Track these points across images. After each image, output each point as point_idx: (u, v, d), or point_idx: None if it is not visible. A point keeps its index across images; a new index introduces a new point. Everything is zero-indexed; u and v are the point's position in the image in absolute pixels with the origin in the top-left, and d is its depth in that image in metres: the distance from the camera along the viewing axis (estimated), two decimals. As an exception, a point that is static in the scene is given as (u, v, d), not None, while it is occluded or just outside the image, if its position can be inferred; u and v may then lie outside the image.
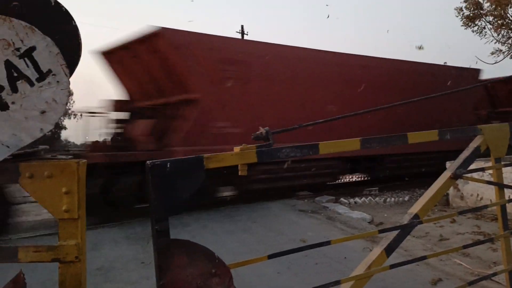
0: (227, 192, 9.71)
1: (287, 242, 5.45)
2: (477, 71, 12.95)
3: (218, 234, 6.06)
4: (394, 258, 2.50)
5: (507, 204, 2.66)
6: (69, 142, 21.60)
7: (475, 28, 13.85)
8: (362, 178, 13.17)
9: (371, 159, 10.89)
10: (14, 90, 1.42)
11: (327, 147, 2.15)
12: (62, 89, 1.44)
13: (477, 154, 2.53)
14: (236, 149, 1.98)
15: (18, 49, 1.40)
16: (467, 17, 13.77)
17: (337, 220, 6.98)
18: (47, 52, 1.42)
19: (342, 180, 12.48)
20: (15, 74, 1.41)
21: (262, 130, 2.09)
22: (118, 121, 8.99)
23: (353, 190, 10.52)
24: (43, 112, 1.45)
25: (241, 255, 4.83)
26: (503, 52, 13.68)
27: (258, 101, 8.78)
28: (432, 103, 10.15)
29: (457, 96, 10.94)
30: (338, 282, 2.06)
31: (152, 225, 1.70)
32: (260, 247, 5.34)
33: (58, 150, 9.42)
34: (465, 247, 2.62)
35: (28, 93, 1.43)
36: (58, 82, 1.44)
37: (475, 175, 2.67)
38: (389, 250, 2.21)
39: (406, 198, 9.42)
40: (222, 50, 8.34)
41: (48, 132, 1.49)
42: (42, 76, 1.43)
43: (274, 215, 7.47)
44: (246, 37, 30.22)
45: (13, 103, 1.43)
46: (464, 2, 13.78)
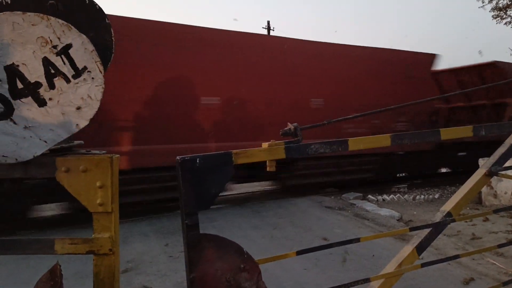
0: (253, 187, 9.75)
1: (315, 239, 5.42)
2: (431, 56, 11.40)
3: (245, 230, 6.09)
4: (425, 257, 2.46)
5: (545, 203, 2.57)
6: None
7: (508, 19, 13.26)
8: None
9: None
10: (52, 86, 1.46)
11: (357, 143, 2.13)
12: (96, 85, 1.48)
13: (513, 151, 2.45)
14: (265, 145, 1.98)
15: (55, 46, 1.44)
16: (498, 7, 13.19)
17: (364, 217, 6.90)
18: (82, 50, 1.45)
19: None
20: (52, 71, 1.45)
21: (291, 126, 2.08)
22: None
23: (381, 187, 10.36)
24: (78, 108, 1.49)
25: (268, 251, 4.84)
26: None
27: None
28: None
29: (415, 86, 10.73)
30: (368, 280, 2.04)
31: (182, 219, 1.72)
32: (287, 243, 5.33)
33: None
34: (499, 246, 2.54)
35: (64, 89, 1.47)
36: (93, 78, 1.47)
37: (510, 172, 2.58)
38: (420, 248, 2.17)
39: (437, 196, 9.20)
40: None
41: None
42: (78, 72, 1.47)
43: (301, 211, 7.45)
44: (272, 32, 30.12)
45: (50, 99, 1.48)
46: None
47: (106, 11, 1.66)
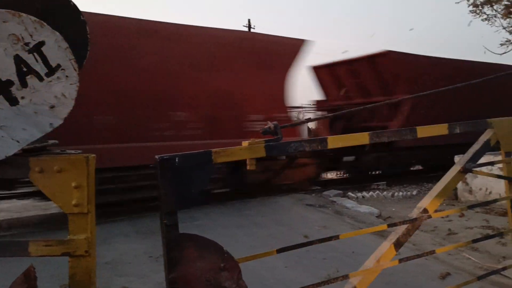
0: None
1: (297, 236, 5.46)
2: (297, 43, 9.38)
3: (229, 228, 6.09)
4: (402, 252, 2.49)
5: (517, 198, 2.64)
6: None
7: (484, 16, 13.59)
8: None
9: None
10: (24, 85, 1.42)
11: (336, 141, 2.14)
12: (71, 83, 1.45)
13: (487, 148, 2.51)
14: (245, 143, 1.98)
15: (27, 44, 1.41)
16: (474, 4, 13.48)
17: (345, 215, 6.97)
18: (56, 47, 1.42)
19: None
20: (25, 69, 1.41)
21: (271, 125, 2.08)
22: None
23: (361, 184, 10.50)
24: (52, 106, 1.45)
25: (252, 249, 4.85)
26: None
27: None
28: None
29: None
30: (347, 276, 2.06)
31: (161, 219, 1.71)
32: (270, 241, 5.35)
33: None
34: (474, 241, 2.60)
35: (37, 88, 1.43)
36: (67, 76, 1.44)
37: (484, 169, 2.65)
38: (398, 244, 2.20)
39: (414, 192, 9.37)
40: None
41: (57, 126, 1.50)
42: (51, 70, 1.43)
43: (283, 209, 7.48)
44: (252, 31, 30.14)
45: (22, 98, 1.44)
46: None
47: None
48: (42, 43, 1.41)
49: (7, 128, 1.44)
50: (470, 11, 13.68)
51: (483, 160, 2.51)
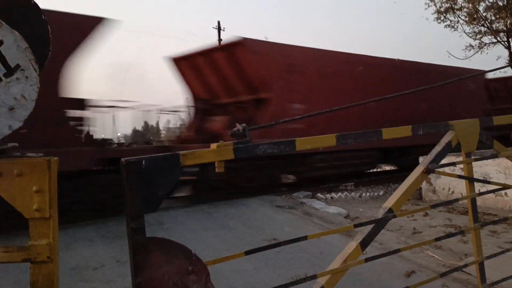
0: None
1: (265, 238, 5.47)
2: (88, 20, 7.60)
3: (196, 231, 6.03)
4: (369, 252, 2.55)
5: (477, 198, 2.74)
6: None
7: (448, 22, 14.13)
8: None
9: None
10: (-19, 85, 1.37)
11: (304, 144, 2.17)
12: (31, 84, 1.40)
13: (448, 149, 2.60)
14: (213, 145, 1.97)
15: (-16, 43, 1.35)
16: (439, 11, 14.01)
17: (314, 216, 7.05)
18: (15, 47, 1.37)
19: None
20: (-19, 69, 1.36)
21: (239, 127, 2.08)
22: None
23: (329, 185, 10.64)
24: (11, 108, 1.40)
25: (219, 251, 4.83)
26: (473, 47, 14.03)
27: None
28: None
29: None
30: (314, 277, 2.08)
31: (127, 223, 1.67)
32: (238, 243, 5.34)
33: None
34: (437, 239, 2.69)
35: (-5, 89, 1.38)
36: (27, 77, 1.39)
37: (446, 169, 2.74)
38: (364, 244, 2.24)
39: (381, 193, 9.60)
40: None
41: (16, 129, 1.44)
42: (10, 71, 1.38)
43: (252, 211, 7.48)
44: (222, 33, 30.08)
45: (-21, 99, 1.38)
46: None
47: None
48: (0, 43, 1.35)
49: (-37, 130, 1.38)
50: (435, 18, 14.19)
51: (445, 161, 2.60)
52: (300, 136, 2.26)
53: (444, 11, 13.92)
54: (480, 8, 13.35)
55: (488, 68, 13.85)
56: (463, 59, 14.25)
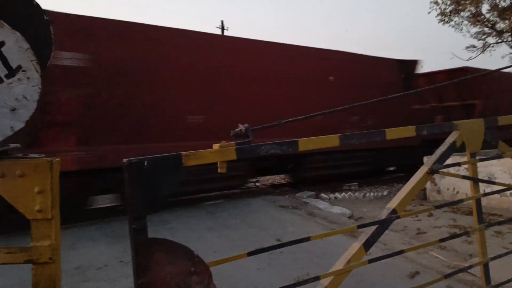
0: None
1: (269, 238, 5.46)
2: None
3: (200, 231, 6.03)
4: (373, 252, 2.54)
5: (481, 198, 2.72)
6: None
7: (452, 23, 14.08)
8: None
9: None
10: (-18, 86, 1.36)
11: (307, 144, 2.16)
12: (33, 85, 1.40)
13: (453, 149, 2.58)
14: (216, 146, 1.97)
15: (-15, 44, 1.35)
16: (443, 13, 13.96)
17: (317, 216, 7.03)
18: (16, 48, 1.36)
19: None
20: (-17, 70, 1.36)
21: (242, 127, 2.07)
22: None
23: (333, 185, 10.62)
24: (13, 109, 1.40)
25: (223, 252, 4.82)
26: (478, 48, 13.96)
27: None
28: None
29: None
30: (318, 278, 2.07)
31: (129, 223, 1.67)
32: (242, 243, 5.33)
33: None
34: (441, 240, 2.67)
35: (-3, 89, 1.38)
36: (28, 78, 1.39)
37: (451, 170, 2.72)
38: (367, 244, 2.23)
39: (385, 193, 9.56)
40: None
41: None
42: (12, 72, 1.37)
43: (256, 211, 7.48)
44: (226, 32, 30.07)
45: (-19, 100, 1.38)
46: None
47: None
48: (1, 44, 1.35)
49: (-35, 131, 1.38)
50: (440, 19, 14.14)
51: (449, 161, 2.58)
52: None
53: (448, 13, 13.88)
54: (484, 10, 13.31)
55: (493, 67, 13.73)
56: (467, 60, 14.19)
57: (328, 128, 6.43)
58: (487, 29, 13.55)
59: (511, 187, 3.27)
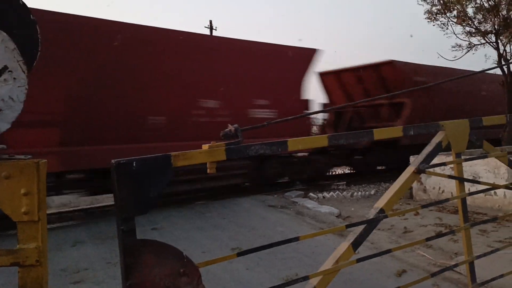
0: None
1: (258, 238, 5.47)
2: None
3: (189, 231, 6.01)
4: (361, 251, 2.56)
5: (467, 197, 2.76)
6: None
7: (438, 22, 14.24)
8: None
9: None
10: (-33, 87, 1.34)
11: (296, 144, 2.17)
12: (19, 86, 1.38)
13: (439, 149, 2.61)
14: (205, 146, 1.96)
15: (-30, 43, 1.33)
16: (429, 12, 14.12)
17: (306, 215, 7.06)
18: (2, 48, 1.34)
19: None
20: (-32, 70, 1.34)
21: (231, 128, 2.07)
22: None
23: (321, 185, 10.68)
24: (-1, 110, 1.38)
25: (212, 252, 4.81)
26: (463, 48, 14.13)
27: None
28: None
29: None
30: (307, 278, 2.08)
31: (117, 225, 1.66)
32: (231, 242, 5.33)
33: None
34: (428, 239, 2.70)
35: (-18, 90, 1.36)
36: (15, 79, 1.37)
37: (437, 169, 2.75)
38: (356, 244, 2.24)
39: (372, 192, 9.64)
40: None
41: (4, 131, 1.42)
42: (-2, 72, 1.36)
43: (245, 210, 7.48)
44: (215, 32, 29.97)
45: (-34, 100, 1.36)
46: None
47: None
48: (-13, 43, 1.33)
49: (-51, 132, 1.35)
50: (426, 18, 14.29)
51: (435, 160, 2.61)
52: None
53: (435, 12, 14.04)
54: (469, 10, 13.46)
55: (478, 68, 13.90)
56: (452, 60, 14.32)
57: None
58: (471, 29, 13.73)
59: (495, 187, 3.33)
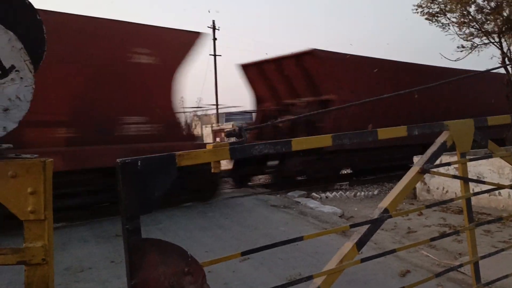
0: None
1: (261, 237, 5.47)
2: None
3: (192, 231, 6.02)
4: (364, 251, 2.55)
5: (471, 197, 2.76)
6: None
7: (439, 24, 14.17)
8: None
9: None
10: (-25, 86, 1.35)
11: (300, 144, 2.17)
12: (26, 85, 1.39)
13: (443, 149, 2.60)
14: (209, 146, 1.97)
15: (-22, 43, 1.34)
16: (428, 13, 14.04)
17: (308, 215, 7.06)
18: (9, 48, 1.35)
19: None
20: (-25, 70, 1.34)
21: (235, 127, 2.08)
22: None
23: (324, 184, 10.66)
24: (6, 109, 1.38)
25: (216, 251, 4.82)
26: (466, 49, 14.06)
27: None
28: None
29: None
30: (311, 277, 2.08)
31: (123, 224, 1.66)
32: (234, 242, 5.34)
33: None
34: (432, 240, 2.70)
35: (-11, 89, 1.36)
36: (21, 78, 1.38)
37: (441, 169, 2.75)
38: (360, 244, 2.24)
39: (376, 192, 9.62)
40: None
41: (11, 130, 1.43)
42: (5, 72, 1.36)
43: (247, 210, 7.48)
44: (217, 32, 30.00)
45: (-27, 100, 1.36)
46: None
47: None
48: (-6, 43, 1.34)
49: (-44, 131, 1.36)
50: (426, 19, 14.21)
51: (440, 160, 2.61)
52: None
53: (435, 13, 13.97)
54: (471, 10, 13.39)
55: (482, 68, 13.83)
56: (454, 60, 14.24)
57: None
58: (474, 30, 13.66)
59: (500, 187, 3.32)
